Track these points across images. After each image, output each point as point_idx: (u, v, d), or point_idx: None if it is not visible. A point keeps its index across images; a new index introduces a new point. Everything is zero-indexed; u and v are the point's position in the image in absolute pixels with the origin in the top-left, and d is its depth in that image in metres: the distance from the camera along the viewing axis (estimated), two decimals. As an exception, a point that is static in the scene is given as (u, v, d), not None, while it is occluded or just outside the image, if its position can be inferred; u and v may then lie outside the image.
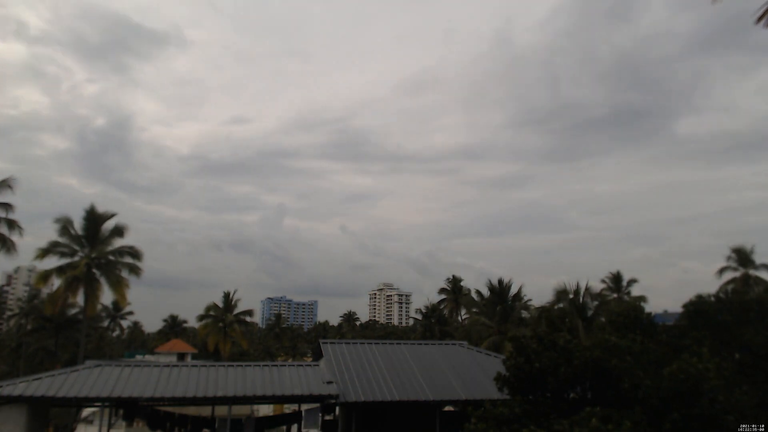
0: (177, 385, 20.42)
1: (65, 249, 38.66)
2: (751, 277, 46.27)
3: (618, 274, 54.17)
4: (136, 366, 21.81)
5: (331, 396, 20.58)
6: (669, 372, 12.30)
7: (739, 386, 12.63)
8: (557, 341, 14.31)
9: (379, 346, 25.40)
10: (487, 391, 19.85)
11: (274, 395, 20.79)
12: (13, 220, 35.14)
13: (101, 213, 39.66)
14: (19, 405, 18.83)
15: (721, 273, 47.67)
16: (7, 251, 34.58)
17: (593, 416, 11.71)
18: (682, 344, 14.64)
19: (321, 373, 22.30)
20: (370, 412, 21.51)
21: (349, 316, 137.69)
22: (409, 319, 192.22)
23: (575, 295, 40.53)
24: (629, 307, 20.95)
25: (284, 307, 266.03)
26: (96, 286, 38.77)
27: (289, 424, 24.25)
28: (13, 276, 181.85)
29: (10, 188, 34.80)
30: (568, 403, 13.92)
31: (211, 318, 58.48)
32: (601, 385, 13.80)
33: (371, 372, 22.57)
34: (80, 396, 19.17)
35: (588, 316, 39.43)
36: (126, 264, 39.65)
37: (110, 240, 39.64)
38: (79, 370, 20.90)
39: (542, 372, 13.86)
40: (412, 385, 21.66)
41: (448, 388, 21.65)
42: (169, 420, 21.73)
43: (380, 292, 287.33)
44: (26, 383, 19.21)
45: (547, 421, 12.42)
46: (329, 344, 25.34)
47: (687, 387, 11.99)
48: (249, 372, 22.02)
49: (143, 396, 19.63)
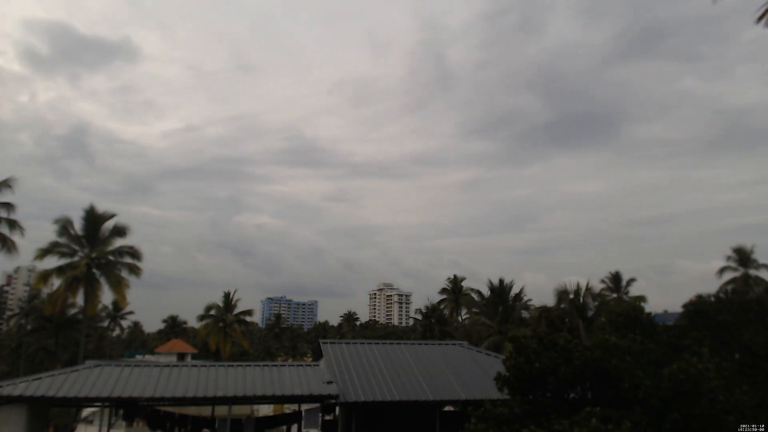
0: (177, 385, 20.42)
1: (65, 249, 38.69)
2: (751, 277, 46.27)
3: (618, 274, 54.04)
4: (136, 366, 21.80)
5: (331, 396, 20.58)
6: (669, 372, 12.29)
7: (739, 386, 12.63)
8: (557, 341, 14.31)
9: (379, 346, 25.39)
10: (487, 391, 19.84)
11: (274, 395, 20.79)
12: (14, 220, 35.18)
13: (101, 213, 39.71)
14: (19, 405, 18.82)
15: (721, 273, 47.70)
16: (7, 251, 34.59)
17: (593, 416, 11.70)
18: (682, 344, 14.64)
19: (321, 373, 22.30)
20: (370, 412, 21.51)
21: (349, 316, 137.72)
22: (409, 319, 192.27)
23: (575, 295, 40.58)
24: (629, 307, 20.96)
25: (284, 307, 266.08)
26: (96, 286, 38.81)
27: (289, 424, 24.25)
28: (13, 276, 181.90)
29: (10, 188, 34.85)
30: (568, 403, 13.92)
31: (211, 318, 58.52)
32: (601, 385, 13.80)
33: (371, 372, 22.56)
34: (80, 396, 19.16)
35: (588, 316, 39.47)
36: (126, 264, 39.69)
37: (110, 240, 39.69)
38: (79, 370, 20.89)
39: (542, 372, 13.86)
40: (412, 385, 21.66)
41: (448, 388, 21.64)
42: (169, 420, 21.73)
43: (380, 292, 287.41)
44: (26, 383, 19.20)
45: (547, 421, 12.42)
46: (329, 344, 25.34)
47: (687, 387, 11.98)
48: (249, 372, 22.02)
49: (143, 396, 19.63)
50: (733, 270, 47.34)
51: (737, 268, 47.27)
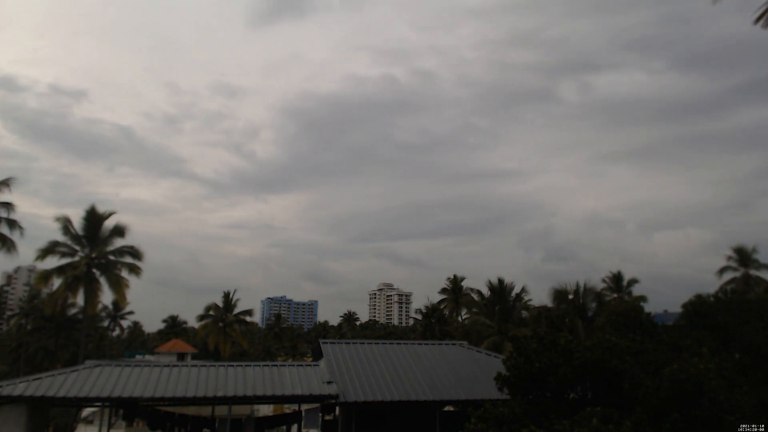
0: (177, 385, 20.42)
1: (65, 249, 38.67)
2: (751, 277, 46.23)
3: (619, 274, 54.02)
4: (136, 366, 21.80)
5: (331, 396, 20.57)
6: (669, 372, 12.30)
7: (739, 386, 12.61)
8: (557, 341, 14.32)
9: (379, 346, 25.39)
10: (487, 391, 19.82)
11: (274, 395, 20.79)
12: (14, 220, 35.16)
13: (101, 213, 39.71)
14: (19, 405, 18.81)
15: (722, 273, 47.63)
16: (7, 251, 34.58)
17: (593, 416, 11.71)
18: (682, 344, 14.65)
19: (321, 373, 22.30)
20: (370, 412, 21.50)
21: (349, 316, 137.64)
22: (409, 319, 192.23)
23: (575, 295, 40.58)
24: (629, 307, 20.96)
25: (284, 307, 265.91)
26: (96, 286, 38.79)
27: (289, 424, 24.25)
28: (13, 276, 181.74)
29: (8, 188, 34.84)
30: (568, 403, 13.93)
31: (211, 318, 58.51)
32: (602, 385, 13.80)
33: (371, 372, 22.56)
34: (80, 396, 19.15)
35: (588, 317, 39.47)
36: (126, 264, 39.67)
37: (110, 240, 39.66)
38: (79, 370, 20.88)
39: (542, 372, 13.86)
40: (412, 385, 21.65)
41: (448, 388, 21.64)
42: (169, 420, 21.72)
43: (380, 292, 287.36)
44: (26, 383, 19.19)
45: (548, 421, 12.42)
46: (329, 344, 25.33)
47: (687, 387, 11.98)
48: (249, 372, 22.02)
49: (143, 396, 19.62)
50: (733, 270, 47.28)
51: (737, 268, 47.21)
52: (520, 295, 48.24)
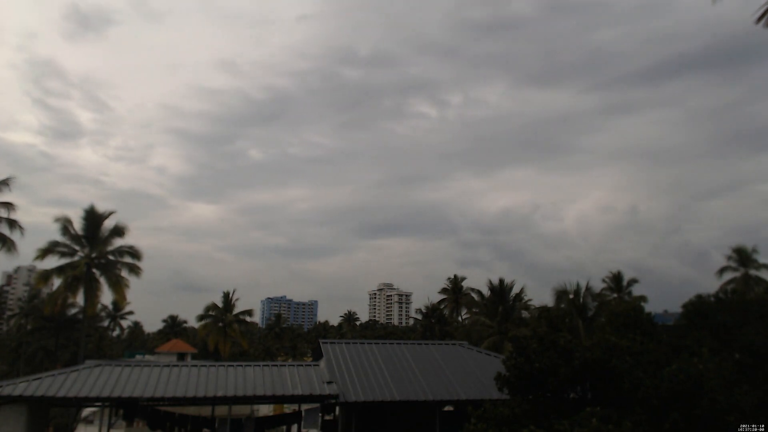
0: (177, 385, 20.41)
1: (65, 249, 38.67)
2: (751, 277, 46.22)
3: (618, 274, 53.96)
4: (136, 366, 21.80)
5: (331, 396, 20.57)
6: (669, 372, 12.30)
7: (739, 386, 12.62)
8: (558, 341, 14.31)
9: (379, 346, 25.38)
10: (487, 391, 19.83)
11: (274, 395, 20.78)
12: (14, 219, 35.15)
13: (101, 213, 39.71)
14: (19, 405, 18.81)
15: (722, 273, 47.62)
16: (7, 251, 34.58)
17: (593, 416, 11.71)
18: (682, 344, 14.66)
19: (321, 373, 22.30)
20: (370, 412, 21.50)
21: (349, 316, 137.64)
22: (409, 319, 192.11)
23: (575, 295, 40.58)
24: (629, 307, 20.94)
25: (284, 307, 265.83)
26: (96, 286, 38.79)
27: (289, 424, 24.22)
28: (13, 276, 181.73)
29: (8, 188, 34.84)
30: (568, 403, 13.92)
31: (210, 318, 58.50)
32: (602, 385, 13.80)
33: (371, 372, 22.55)
34: (80, 396, 19.15)
35: (588, 316, 39.47)
36: (126, 264, 39.68)
37: (110, 240, 39.67)
38: (79, 370, 20.88)
39: (542, 372, 13.85)
40: (412, 385, 21.65)
41: (448, 388, 21.64)
42: (169, 420, 21.71)
43: (380, 292, 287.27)
44: (26, 383, 19.18)
45: (548, 421, 12.42)
46: (329, 344, 25.33)
47: (687, 387, 11.98)
48: (249, 372, 22.01)
49: (143, 396, 19.62)
50: (733, 270, 47.27)
51: (737, 268, 47.20)
52: (520, 295, 48.27)
